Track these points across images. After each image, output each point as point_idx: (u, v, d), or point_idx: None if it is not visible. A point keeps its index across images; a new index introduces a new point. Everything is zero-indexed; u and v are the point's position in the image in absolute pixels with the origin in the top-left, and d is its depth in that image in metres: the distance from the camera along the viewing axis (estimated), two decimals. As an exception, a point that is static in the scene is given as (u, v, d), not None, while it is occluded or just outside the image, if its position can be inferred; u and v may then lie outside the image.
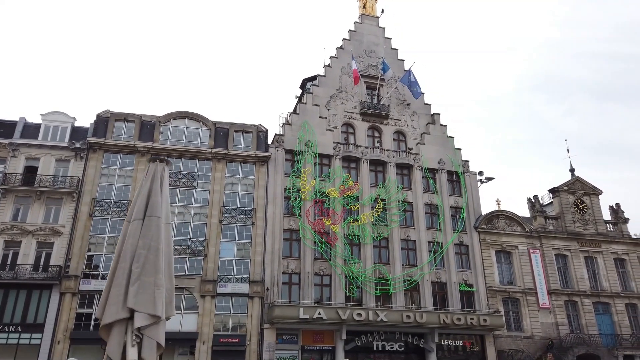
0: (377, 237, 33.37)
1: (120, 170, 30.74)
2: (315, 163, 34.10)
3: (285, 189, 32.81)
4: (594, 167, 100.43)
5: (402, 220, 34.55)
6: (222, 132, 33.23)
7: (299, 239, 31.89)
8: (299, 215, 32.24)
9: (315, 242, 31.86)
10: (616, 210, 39.16)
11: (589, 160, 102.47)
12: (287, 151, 33.96)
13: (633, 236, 38.44)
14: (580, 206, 38.21)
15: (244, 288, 29.36)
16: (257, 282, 29.64)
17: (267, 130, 34.56)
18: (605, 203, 40.01)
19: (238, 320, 28.92)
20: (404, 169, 36.37)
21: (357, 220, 33.25)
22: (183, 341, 27.82)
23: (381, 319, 29.39)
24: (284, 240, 31.68)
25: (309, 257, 31.34)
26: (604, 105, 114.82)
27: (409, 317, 30.01)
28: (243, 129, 33.84)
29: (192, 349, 27.69)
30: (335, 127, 35.93)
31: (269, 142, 34.39)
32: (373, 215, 33.76)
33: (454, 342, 32.21)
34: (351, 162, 35.31)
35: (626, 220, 38.81)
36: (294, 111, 36.46)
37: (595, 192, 38.95)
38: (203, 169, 31.88)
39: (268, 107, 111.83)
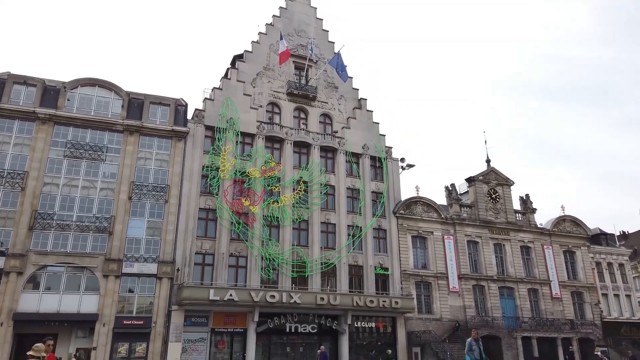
0: (297, 219, 33.03)
1: (16, 137, 27.95)
2: (237, 141, 33.02)
3: (203, 166, 31.52)
4: (510, 159, 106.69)
5: (323, 203, 34.44)
6: (136, 103, 31.20)
7: (215, 218, 30.84)
8: (217, 195, 31.16)
9: (232, 222, 30.97)
10: (525, 201, 41.42)
11: (510, 154, 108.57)
12: (208, 127, 32.56)
13: (539, 225, 40.93)
14: (493, 195, 40.06)
15: (152, 268, 27.96)
16: (167, 263, 28.34)
17: (186, 104, 32.93)
18: (516, 194, 42.16)
19: (144, 302, 27.53)
20: (328, 152, 36.19)
21: (278, 202, 32.70)
22: (81, 323, 26.09)
23: (295, 301, 29.21)
24: (199, 219, 30.50)
25: (224, 238, 30.42)
26: (540, 103, 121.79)
27: (322, 299, 30.07)
28: (160, 101, 31.97)
29: (92, 332, 26.04)
30: (260, 106, 34.95)
31: (189, 117, 32.80)
32: (294, 197, 33.36)
33: (367, 324, 32.79)
34: (275, 142, 34.58)
35: (534, 210, 41.18)
36: (219, 87, 34.98)
37: (507, 182, 40.94)
38: (113, 141, 29.80)
39: (198, 84, 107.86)
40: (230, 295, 27.60)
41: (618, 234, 55.67)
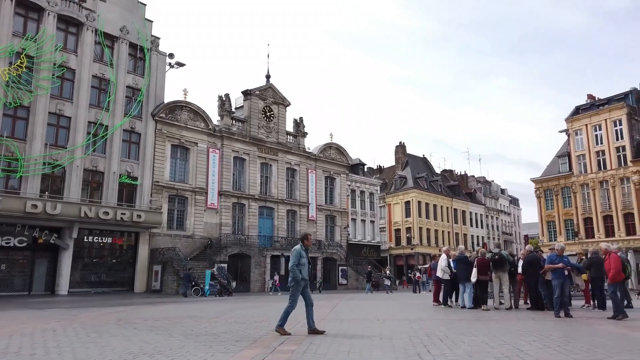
0: (11, 103, 24.97)
1: None
2: None
3: None
4: (292, 83, 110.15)
5: (55, 88, 26.94)
6: None
7: None
8: None
9: None
10: (299, 124, 40.91)
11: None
12: None
13: (307, 150, 41.15)
14: (268, 114, 38.18)
15: None
16: None
17: None
18: (291, 115, 41.20)
19: None
20: (71, 26, 28.20)
21: (-19, 76, 23.95)
22: None
23: (-9, 207, 22.21)
24: None
25: None
26: (344, 49, 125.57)
27: (36, 206, 23.74)
28: None
29: None
30: None
31: None
32: (9, 74, 24.98)
33: (101, 239, 27.90)
34: (-16, -7, 24.90)
35: (305, 134, 41.06)
36: None
37: (284, 102, 39.48)
38: None
39: None
40: None
41: (375, 167, 61.89)
